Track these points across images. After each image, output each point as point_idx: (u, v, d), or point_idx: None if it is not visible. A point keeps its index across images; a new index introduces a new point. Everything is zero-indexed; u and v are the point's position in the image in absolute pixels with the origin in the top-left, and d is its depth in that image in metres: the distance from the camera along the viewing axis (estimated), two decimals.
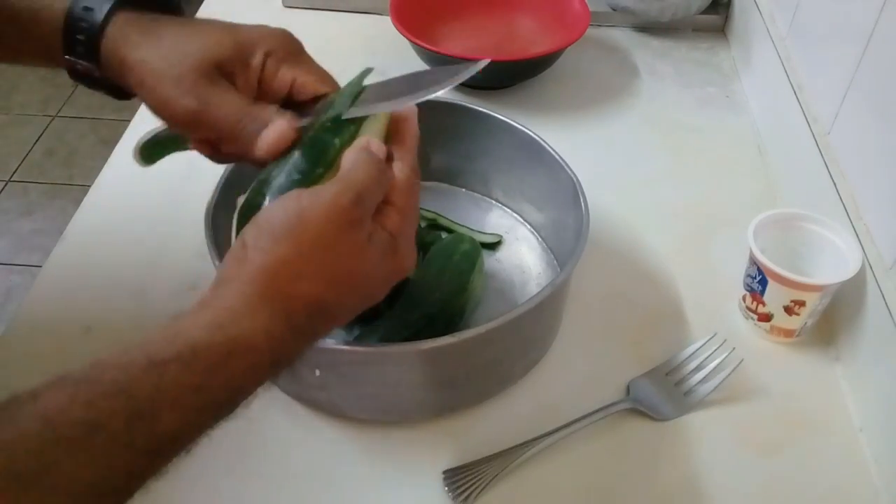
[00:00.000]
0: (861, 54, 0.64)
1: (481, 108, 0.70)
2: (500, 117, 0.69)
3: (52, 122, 2.27)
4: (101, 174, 0.80)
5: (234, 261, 0.41)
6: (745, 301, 0.65)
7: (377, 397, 0.58)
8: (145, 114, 0.51)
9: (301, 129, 0.47)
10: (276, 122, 0.47)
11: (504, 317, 0.53)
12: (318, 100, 0.50)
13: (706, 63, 0.97)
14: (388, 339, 0.58)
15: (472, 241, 0.67)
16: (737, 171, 0.82)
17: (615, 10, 1.01)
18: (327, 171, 0.45)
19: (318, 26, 0.99)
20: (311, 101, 0.50)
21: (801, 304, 0.61)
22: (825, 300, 0.61)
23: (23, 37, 0.50)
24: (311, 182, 0.45)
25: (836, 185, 0.66)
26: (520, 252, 0.72)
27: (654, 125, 0.88)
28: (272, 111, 0.48)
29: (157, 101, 0.48)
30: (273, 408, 0.60)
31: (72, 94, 2.33)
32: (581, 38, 0.88)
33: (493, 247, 0.72)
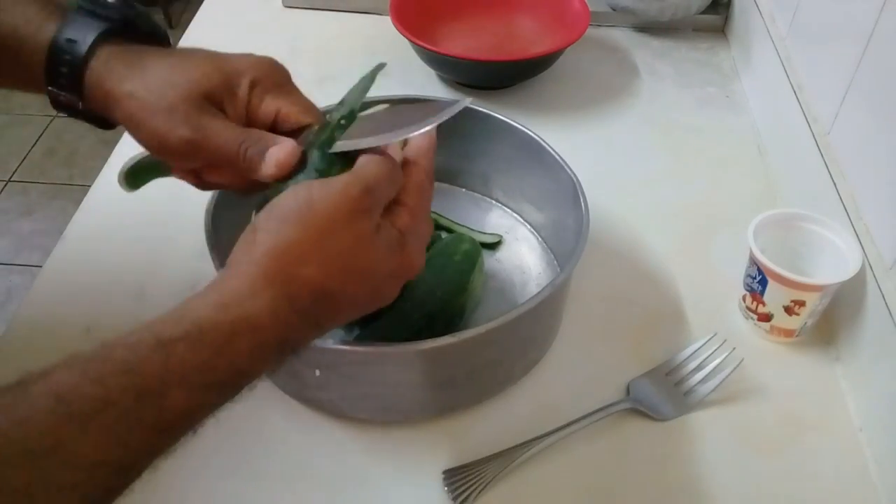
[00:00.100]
0: (861, 54, 0.64)
1: (481, 108, 0.70)
2: (500, 117, 0.69)
3: (52, 122, 2.28)
4: (101, 174, 0.80)
5: (243, 244, 0.42)
6: (745, 301, 0.65)
7: (377, 397, 0.58)
8: None
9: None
10: (284, 141, 0.47)
11: (504, 317, 0.53)
12: (302, 130, 0.50)
13: (706, 63, 0.97)
14: (388, 339, 0.58)
15: (472, 241, 0.67)
16: (737, 171, 0.82)
17: (615, 10, 1.01)
18: (344, 168, 0.45)
19: (318, 26, 0.99)
20: (296, 132, 0.50)
21: (801, 304, 0.61)
22: (825, 300, 0.61)
23: (6, 64, 0.50)
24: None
25: (836, 185, 0.66)
26: (520, 252, 0.72)
27: (653, 125, 0.88)
28: (271, 134, 0.48)
29: (148, 134, 0.48)
30: (273, 408, 0.60)
31: None
32: (581, 38, 0.88)
33: (493, 247, 0.72)
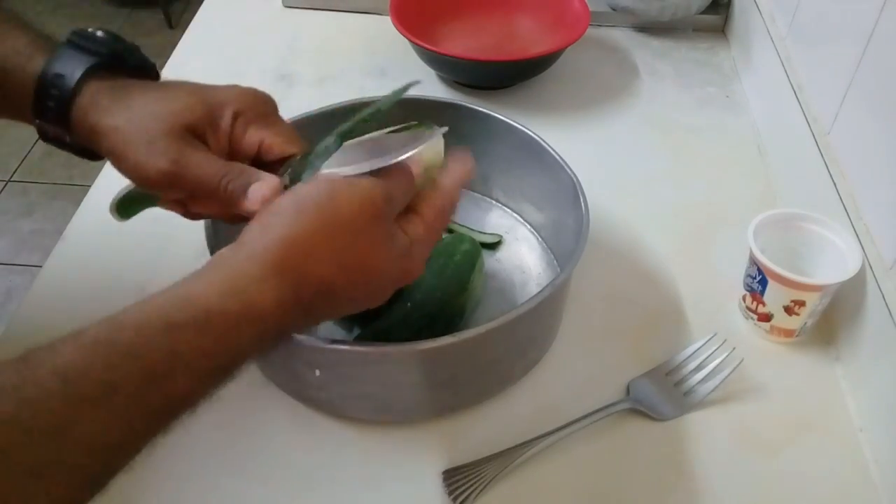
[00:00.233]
0: (861, 54, 0.64)
1: (481, 108, 0.70)
2: (500, 117, 0.69)
3: None
4: (101, 174, 0.79)
5: (258, 225, 0.42)
6: (745, 301, 0.65)
7: (377, 397, 0.58)
8: None
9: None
10: (268, 176, 0.47)
11: (504, 317, 0.53)
12: (285, 161, 0.50)
13: (706, 63, 0.97)
14: (388, 339, 0.58)
15: (472, 241, 0.67)
16: (737, 171, 0.82)
17: (615, 10, 1.01)
18: None
19: (318, 26, 0.99)
20: (278, 163, 0.50)
21: (801, 304, 0.61)
22: (825, 300, 0.61)
23: None
24: None
25: (836, 185, 0.66)
26: (520, 252, 0.72)
27: (654, 125, 0.88)
28: (253, 168, 0.49)
29: (129, 166, 0.48)
30: (273, 408, 0.60)
31: None
32: (581, 38, 0.88)
33: (493, 247, 0.72)
